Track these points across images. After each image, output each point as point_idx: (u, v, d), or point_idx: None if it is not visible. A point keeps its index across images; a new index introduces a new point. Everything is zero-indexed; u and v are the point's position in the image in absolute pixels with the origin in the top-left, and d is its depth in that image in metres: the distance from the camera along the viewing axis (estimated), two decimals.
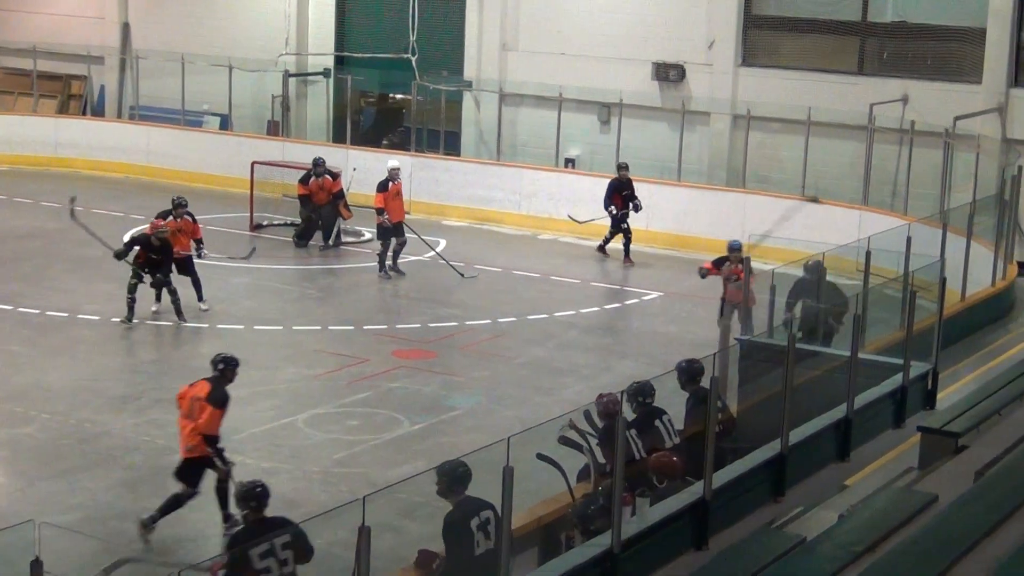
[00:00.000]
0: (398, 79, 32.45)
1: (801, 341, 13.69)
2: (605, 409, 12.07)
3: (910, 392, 14.47)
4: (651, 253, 25.89)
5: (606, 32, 29.95)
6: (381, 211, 23.71)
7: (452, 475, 10.32)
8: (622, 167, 25.85)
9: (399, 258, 24.03)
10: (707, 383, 11.54)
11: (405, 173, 24.27)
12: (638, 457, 11.78)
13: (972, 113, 25.19)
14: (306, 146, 30.71)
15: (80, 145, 33.84)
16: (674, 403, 13.30)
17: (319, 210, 25.95)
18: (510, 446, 8.90)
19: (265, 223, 27.62)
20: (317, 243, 26.09)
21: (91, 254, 21.99)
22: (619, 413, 10.58)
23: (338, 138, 32.41)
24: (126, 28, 36.02)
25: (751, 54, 28.84)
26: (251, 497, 10.76)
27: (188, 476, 13.56)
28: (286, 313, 21.62)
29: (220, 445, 13.60)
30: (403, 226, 24.02)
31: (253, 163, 28.36)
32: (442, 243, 25.63)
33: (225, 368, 13.89)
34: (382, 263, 23.94)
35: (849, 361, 13.38)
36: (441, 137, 31.28)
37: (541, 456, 11.35)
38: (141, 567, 12.65)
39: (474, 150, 31.39)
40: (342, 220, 26.16)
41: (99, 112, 36.10)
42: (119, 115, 35.74)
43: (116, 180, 32.45)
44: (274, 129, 33.46)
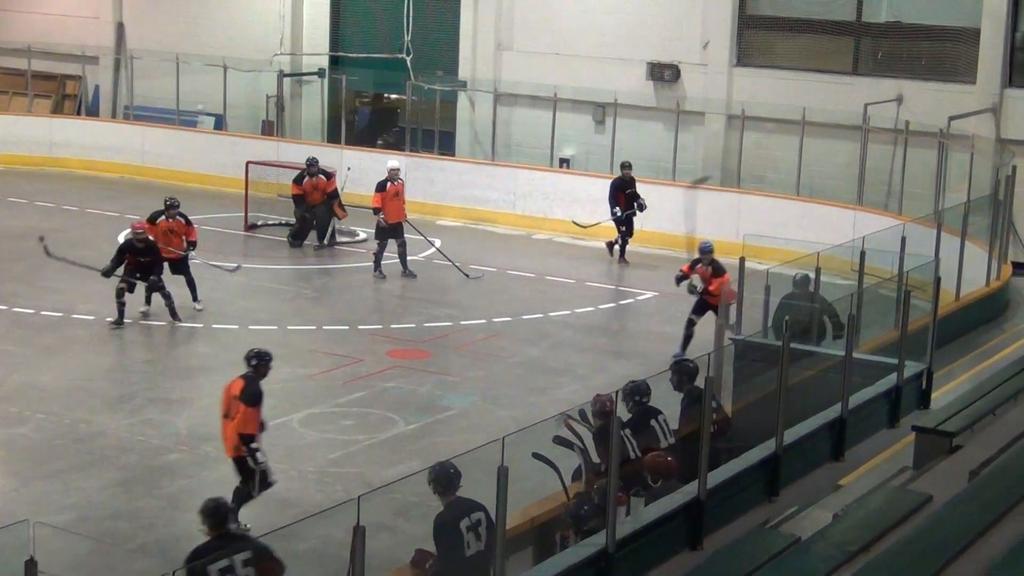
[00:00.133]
0: (393, 79, 32.45)
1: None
2: (601, 409, 12.07)
3: (904, 392, 14.47)
4: (646, 253, 25.89)
5: (601, 32, 29.97)
6: (377, 211, 23.69)
7: (442, 476, 10.33)
8: (625, 166, 25.82)
9: (406, 260, 23.95)
10: (702, 383, 11.55)
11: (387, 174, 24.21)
12: (633, 457, 11.80)
13: (966, 113, 25.21)
14: (301, 146, 30.70)
15: (75, 145, 33.82)
16: (670, 403, 13.32)
17: (313, 210, 25.95)
18: (505, 446, 8.90)
19: (260, 223, 27.61)
20: (312, 243, 26.08)
21: (85, 254, 21.94)
22: (614, 412, 10.58)
23: (333, 138, 32.40)
24: (121, 28, 36.01)
25: (746, 54, 28.86)
26: (212, 513, 10.50)
27: (244, 472, 13.56)
28: (281, 313, 21.61)
29: (255, 445, 13.48)
30: (403, 227, 23.99)
31: (248, 163, 28.36)
32: (436, 243, 25.62)
33: (259, 364, 13.77)
34: (377, 263, 23.92)
35: (843, 361, 13.38)
36: (436, 137, 31.27)
37: (536, 456, 11.36)
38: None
39: (469, 150, 31.38)
40: (337, 220, 26.16)
41: (94, 112, 36.09)
42: (114, 115, 35.73)
43: (111, 180, 32.43)
44: (269, 129, 33.46)
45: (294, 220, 26.38)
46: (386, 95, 34.73)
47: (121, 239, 22.15)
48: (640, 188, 25.87)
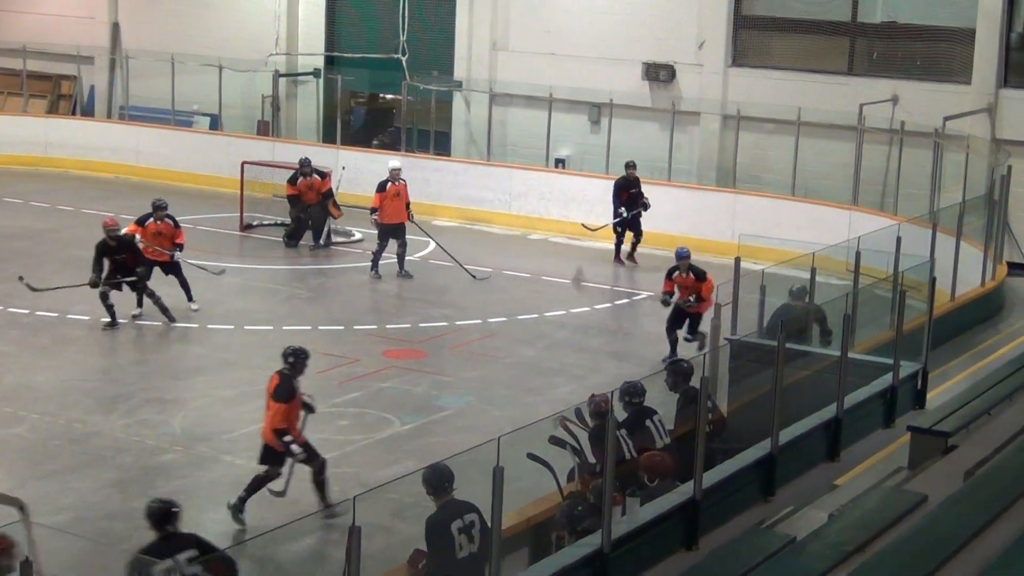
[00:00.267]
0: (388, 79, 32.43)
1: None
2: (597, 409, 12.08)
3: (900, 392, 14.50)
4: (641, 253, 25.86)
5: (596, 32, 29.97)
6: (374, 211, 23.66)
7: (435, 478, 10.33)
8: (630, 166, 25.71)
9: (404, 261, 23.93)
10: (697, 383, 11.55)
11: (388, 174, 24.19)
12: (628, 457, 11.80)
13: (962, 113, 25.22)
14: (296, 146, 30.67)
15: (70, 145, 33.79)
16: (665, 403, 13.33)
17: (309, 210, 25.93)
18: (500, 446, 8.90)
19: (255, 223, 27.59)
20: (307, 243, 26.07)
21: (80, 255, 21.89)
22: (610, 413, 10.59)
23: (328, 138, 32.39)
24: (116, 28, 35.97)
25: (741, 54, 28.86)
26: (153, 515, 10.45)
27: (270, 459, 13.81)
28: (276, 313, 21.60)
29: (287, 438, 13.68)
30: (404, 228, 23.94)
31: (243, 163, 28.34)
32: (432, 244, 25.60)
33: (295, 361, 13.99)
34: (375, 263, 23.88)
35: (839, 361, 13.39)
36: (431, 137, 31.26)
37: (532, 456, 11.36)
38: None
39: (464, 150, 31.37)
40: (332, 220, 26.14)
41: (89, 112, 36.04)
42: (109, 115, 35.69)
43: (106, 180, 32.40)
44: (264, 129, 33.44)
45: (290, 220, 26.36)
46: (382, 95, 34.69)
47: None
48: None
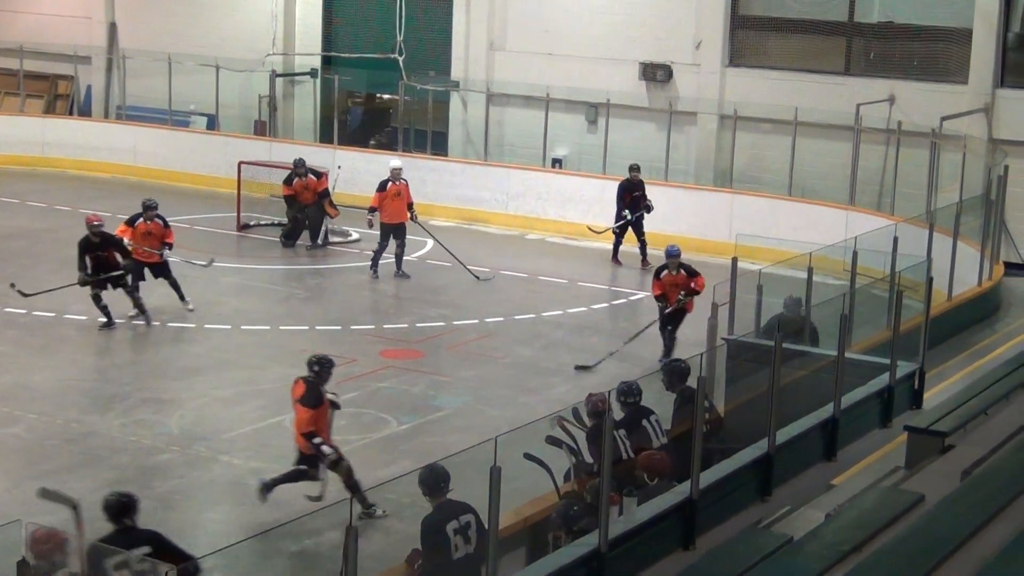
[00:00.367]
0: (385, 79, 32.43)
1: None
2: (594, 408, 12.08)
3: (897, 392, 14.49)
4: (637, 253, 25.85)
5: (593, 32, 29.98)
6: (373, 210, 23.66)
7: (430, 479, 10.33)
8: (633, 168, 25.61)
9: (402, 261, 23.92)
10: (694, 383, 11.54)
11: (388, 174, 24.16)
12: (626, 457, 11.80)
13: (958, 113, 25.24)
14: (293, 146, 30.67)
15: (67, 145, 33.78)
16: (662, 403, 13.33)
17: (306, 210, 25.92)
18: (497, 446, 8.90)
19: (252, 223, 27.59)
20: (304, 243, 26.06)
21: (75, 255, 21.85)
22: (608, 412, 10.59)
23: (325, 138, 32.39)
24: (113, 28, 35.96)
25: (738, 54, 28.87)
26: (109, 507, 10.44)
27: (308, 463, 13.97)
28: (273, 313, 21.59)
29: (317, 440, 13.78)
30: (404, 228, 23.92)
31: (240, 163, 28.32)
32: (429, 244, 25.61)
33: (320, 370, 14.11)
34: (374, 262, 23.84)
35: (836, 361, 13.39)
36: (428, 137, 31.25)
37: (528, 456, 11.36)
38: None
39: (461, 150, 31.38)
40: (329, 219, 26.13)
41: (86, 112, 36.03)
42: (106, 115, 35.68)
43: (103, 180, 32.39)
44: (261, 129, 33.43)
45: (287, 220, 26.35)
46: (378, 95, 34.71)
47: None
48: None
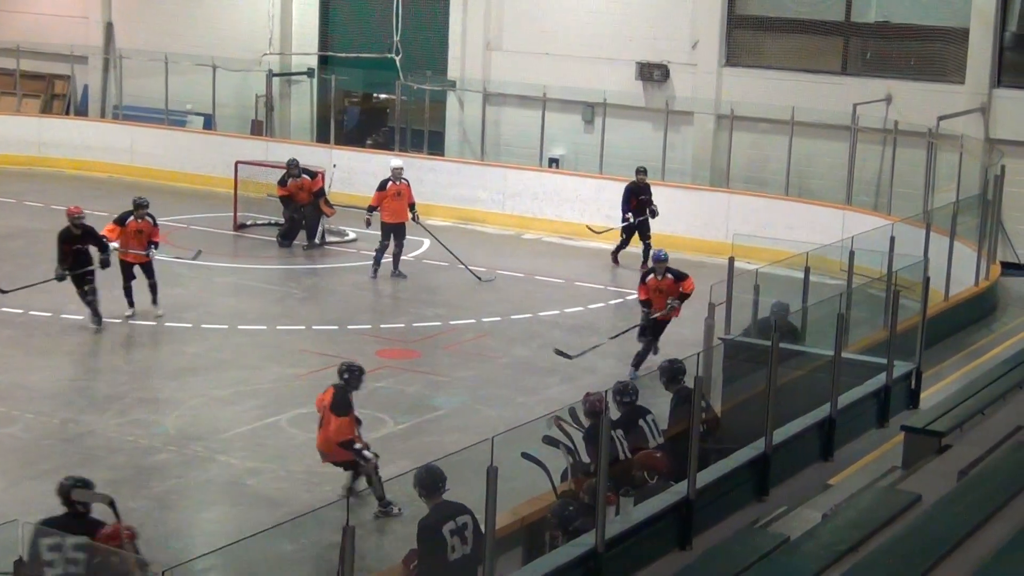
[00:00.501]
0: (382, 79, 32.42)
1: None
2: (591, 408, 12.07)
3: (894, 392, 14.49)
4: (635, 253, 25.86)
5: (590, 32, 29.98)
6: (372, 209, 23.65)
7: (426, 480, 10.32)
8: (640, 171, 25.42)
9: (399, 261, 23.90)
10: (691, 382, 11.54)
11: (387, 173, 24.13)
12: (623, 457, 11.79)
13: (955, 113, 25.25)
14: (290, 146, 30.66)
15: (64, 145, 33.75)
16: (658, 403, 13.33)
17: (302, 210, 25.90)
18: (494, 446, 8.89)
19: (249, 223, 27.57)
20: (301, 243, 26.05)
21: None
22: (605, 412, 10.59)
23: (322, 138, 32.38)
24: (110, 28, 35.94)
25: (735, 54, 28.88)
26: (59, 491, 10.48)
27: (348, 468, 14.10)
28: (270, 313, 21.58)
29: (358, 445, 13.85)
30: (404, 228, 23.90)
31: (237, 163, 28.30)
32: (426, 243, 25.60)
33: (350, 377, 14.17)
34: (379, 262, 23.80)
35: (833, 361, 13.39)
36: (425, 137, 31.24)
37: (526, 455, 11.35)
38: None
39: (458, 150, 31.37)
40: (326, 219, 26.11)
41: (83, 112, 36.01)
42: (103, 115, 35.65)
43: (100, 180, 32.36)
44: (258, 129, 33.41)
45: (283, 220, 26.33)
46: (375, 95, 34.70)
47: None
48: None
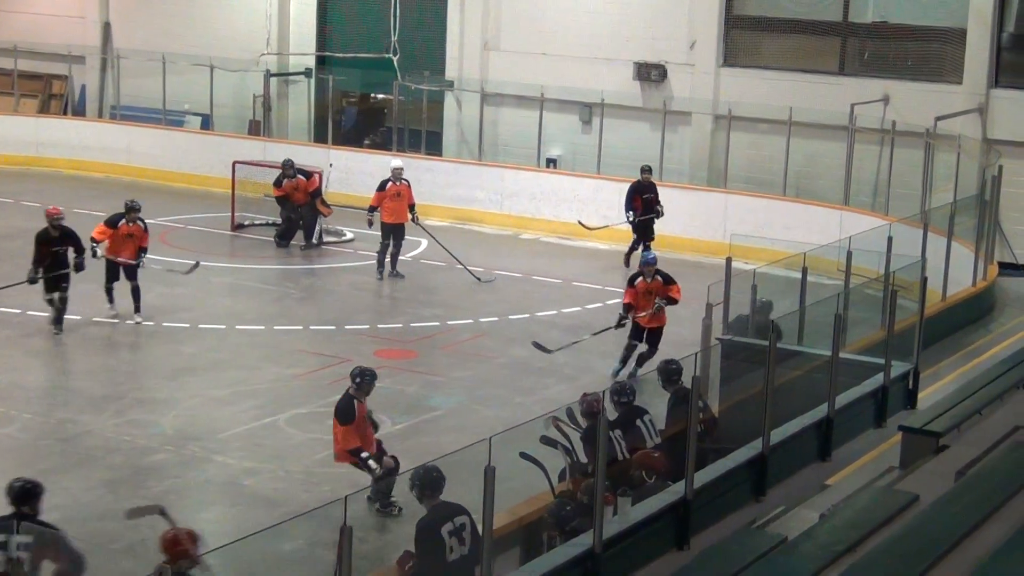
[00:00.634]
0: (380, 79, 32.42)
1: None
2: (589, 408, 12.07)
3: (891, 392, 14.50)
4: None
5: (588, 32, 29.98)
6: (373, 209, 23.64)
7: (425, 480, 10.31)
8: (645, 170, 25.35)
9: (397, 261, 23.90)
10: (688, 382, 11.54)
11: (386, 174, 24.12)
12: (621, 457, 11.79)
13: (953, 113, 25.24)
14: (288, 146, 30.65)
15: (61, 145, 33.74)
16: (655, 403, 13.32)
17: (299, 210, 25.89)
18: (492, 446, 8.89)
19: (247, 223, 27.57)
20: (298, 243, 26.04)
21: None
22: (602, 412, 10.58)
23: (319, 138, 32.37)
24: (107, 28, 35.93)
25: (732, 54, 28.88)
26: (17, 492, 10.39)
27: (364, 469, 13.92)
28: (267, 313, 21.58)
29: (364, 455, 13.74)
30: (403, 229, 23.89)
31: (234, 163, 28.31)
32: (424, 244, 25.60)
33: (361, 382, 13.95)
34: (380, 263, 23.80)
35: (830, 361, 13.39)
36: (423, 137, 31.23)
37: (524, 455, 11.35)
38: None
39: (455, 150, 31.37)
40: (323, 219, 26.10)
41: (80, 112, 36.00)
42: (100, 115, 35.64)
43: (97, 180, 32.35)
44: (255, 129, 33.41)
45: (280, 220, 26.32)
46: (373, 95, 34.69)
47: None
48: (627, 189, 25.71)
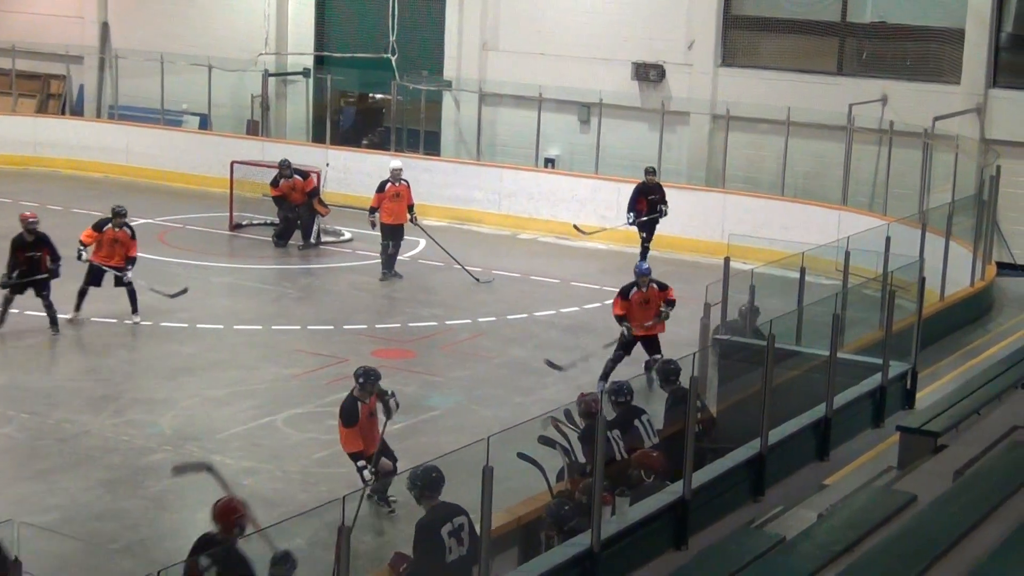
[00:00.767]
0: (378, 79, 32.42)
1: None
2: (587, 408, 12.07)
3: (889, 392, 14.50)
4: (631, 253, 25.85)
5: (586, 32, 29.98)
6: (373, 211, 23.64)
7: (425, 480, 10.30)
8: (649, 171, 25.23)
9: (395, 261, 23.90)
10: (686, 383, 11.54)
11: (384, 174, 24.12)
12: (619, 457, 11.79)
13: (951, 113, 25.25)
14: (286, 146, 30.66)
15: (60, 145, 33.74)
16: (653, 402, 13.33)
17: (297, 210, 25.89)
18: (490, 446, 8.89)
19: (245, 223, 27.56)
20: (296, 243, 26.04)
21: (68, 254, 21.82)
22: (600, 412, 10.58)
23: (318, 138, 32.37)
24: (105, 27, 35.92)
25: (731, 54, 28.88)
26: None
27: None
28: (265, 313, 21.58)
29: (360, 463, 13.61)
30: (403, 230, 23.89)
31: (233, 163, 28.31)
32: (422, 243, 25.60)
33: (364, 382, 13.81)
34: (383, 263, 23.77)
35: (828, 361, 13.39)
36: (421, 137, 31.24)
37: (522, 455, 11.34)
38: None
39: (454, 150, 31.36)
40: (321, 219, 26.10)
41: (78, 112, 36.00)
42: (98, 115, 35.65)
43: (95, 180, 32.35)
44: (254, 129, 33.41)
45: (278, 220, 26.32)
46: (371, 95, 34.69)
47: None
48: (625, 188, 25.69)
